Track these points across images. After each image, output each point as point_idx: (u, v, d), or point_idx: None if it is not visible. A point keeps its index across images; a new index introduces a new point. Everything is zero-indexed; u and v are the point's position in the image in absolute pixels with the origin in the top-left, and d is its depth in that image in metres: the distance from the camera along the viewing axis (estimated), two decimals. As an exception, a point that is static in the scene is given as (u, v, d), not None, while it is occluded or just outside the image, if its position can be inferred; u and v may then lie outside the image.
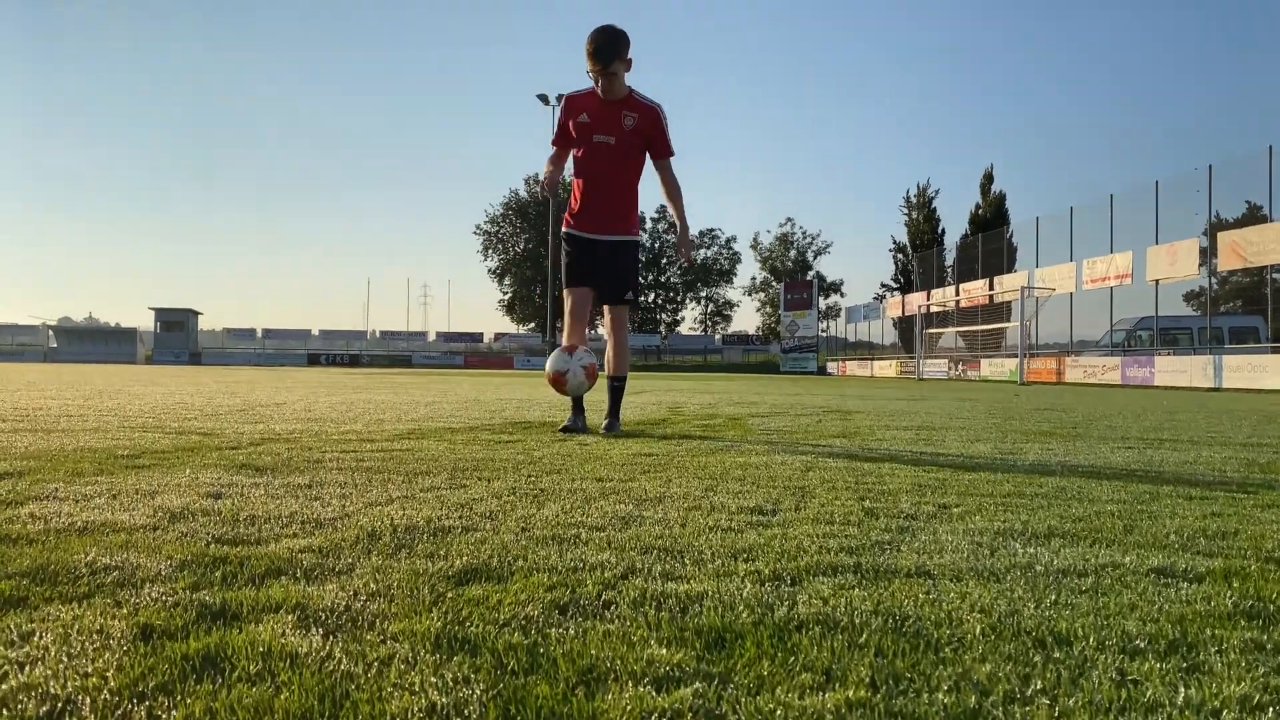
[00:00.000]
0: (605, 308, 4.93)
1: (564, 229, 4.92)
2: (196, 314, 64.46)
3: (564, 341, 4.88)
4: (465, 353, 70.93)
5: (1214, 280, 31.48)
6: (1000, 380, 34.04)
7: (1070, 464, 3.56)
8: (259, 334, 73.58)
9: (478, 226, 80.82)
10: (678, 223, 4.97)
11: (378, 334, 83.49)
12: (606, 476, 2.92)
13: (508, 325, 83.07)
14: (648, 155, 4.87)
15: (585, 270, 4.85)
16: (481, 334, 79.45)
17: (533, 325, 79.32)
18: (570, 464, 3.23)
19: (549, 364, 4.76)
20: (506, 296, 79.72)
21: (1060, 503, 2.58)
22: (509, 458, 3.41)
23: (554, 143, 4.91)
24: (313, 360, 62.12)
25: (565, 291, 4.90)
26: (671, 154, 4.90)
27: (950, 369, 40.33)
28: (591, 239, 4.85)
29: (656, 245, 79.91)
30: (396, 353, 70.88)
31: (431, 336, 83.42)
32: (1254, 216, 36.50)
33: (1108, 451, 4.22)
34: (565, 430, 4.68)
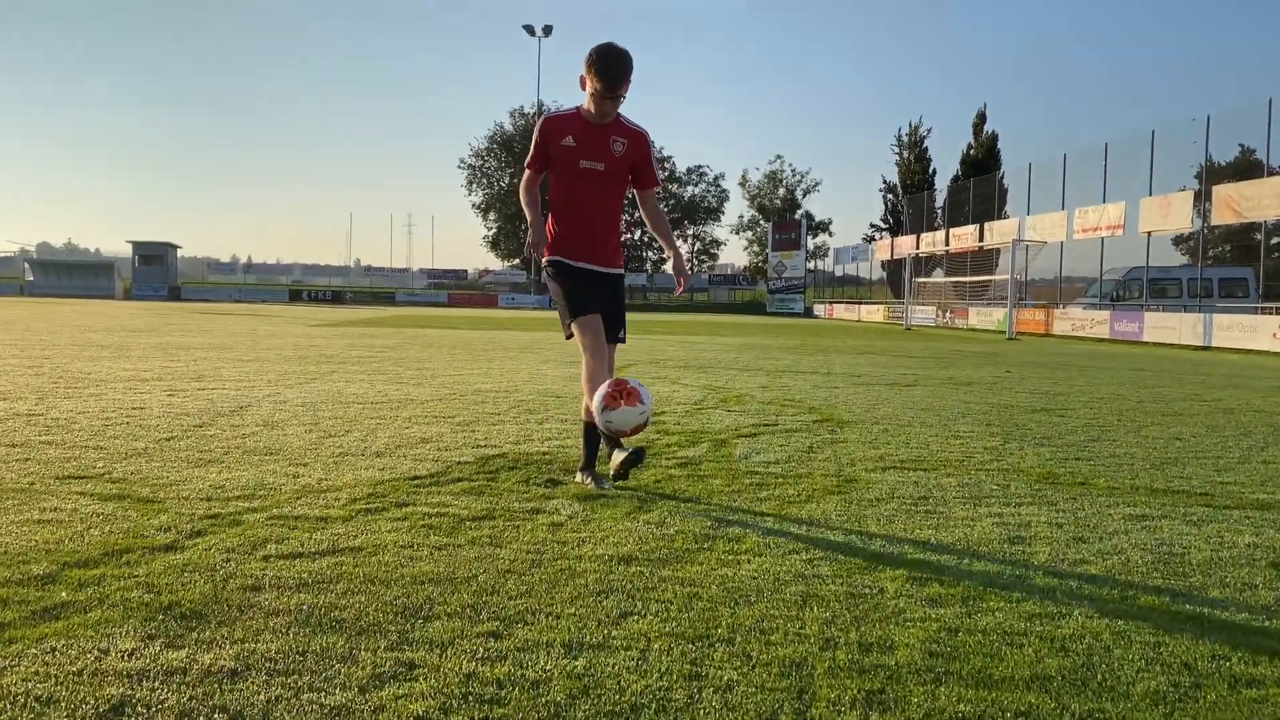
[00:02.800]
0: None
1: (552, 257, 4.49)
2: (175, 247, 63.40)
3: (586, 383, 4.38)
4: (450, 289, 70.20)
5: (1210, 231, 31.11)
6: (988, 330, 33.82)
7: (1085, 577, 3.24)
8: (240, 269, 72.60)
9: (462, 160, 79.46)
10: (672, 254, 4.57)
11: (361, 268, 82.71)
12: (579, 622, 2.58)
13: (493, 261, 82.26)
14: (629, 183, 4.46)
15: (590, 291, 4.40)
16: (466, 271, 78.74)
17: (517, 262, 78.52)
18: (536, 591, 2.88)
19: (618, 418, 3.96)
20: (491, 232, 78.86)
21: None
22: (469, 571, 3.06)
23: (530, 165, 4.46)
24: (294, 296, 61.36)
25: (576, 323, 4.41)
26: (657, 184, 4.50)
27: (938, 316, 40.08)
28: (582, 269, 4.44)
29: (644, 181, 78.78)
30: (380, 289, 70.09)
31: (415, 271, 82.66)
32: (1246, 162, 36.11)
33: (1119, 523, 3.91)
34: (626, 467, 4.04)
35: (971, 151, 56.07)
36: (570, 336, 4.49)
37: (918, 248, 45.14)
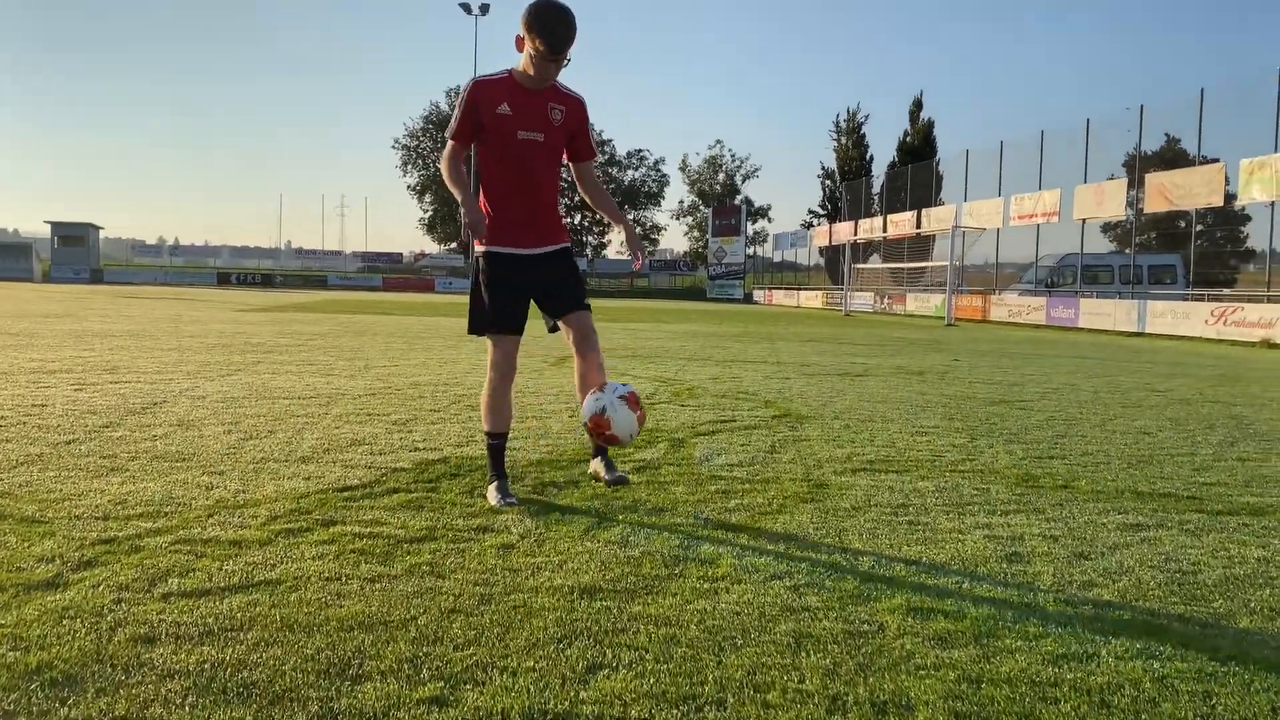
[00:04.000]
0: (566, 321, 4.07)
1: (484, 247, 4.04)
2: (97, 228, 61.09)
3: (486, 402, 4.06)
4: (384, 273, 68.92)
5: (1138, 218, 31.61)
6: (926, 316, 34.01)
7: (1099, 603, 2.93)
8: (166, 251, 70.39)
9: (396, 140, 77.92)
10: (623, 227, 4.17)
11: (292, 251, 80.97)
12: (539, 679, 2.18)
13: (429, 244, 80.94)
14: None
15: (515, 306, 3.99)
16: (401, 254, 77.42)
17: (454, 245, 77.34)
18: (487, 637, 2.47)
19: (585, 407, 3.93)
20: (427, 214, 77.46)
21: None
22: (407, 611, 2.63)
23: (456, 136, 3.92)
24: (223, 279, 59.60)
25: (492, 338, 4.03)
26: (595, 155, 4.10)
27: (876, 301, 40.26)
28: (521, 255, 4.00)
29: (582, 165, 78.13)
30: (311, 272, 68.47)
31: (349, 254, 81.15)
32: (1172, 151, 36.81)
33: (1115, 534, 3.62)
34: (499, 508, 3.79)
35: (908, 138, 56.45)
36: (473, 334, 4.08)
37: (856, 234, 45.27)
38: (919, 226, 40.48)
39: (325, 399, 6.82)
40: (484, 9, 60.92)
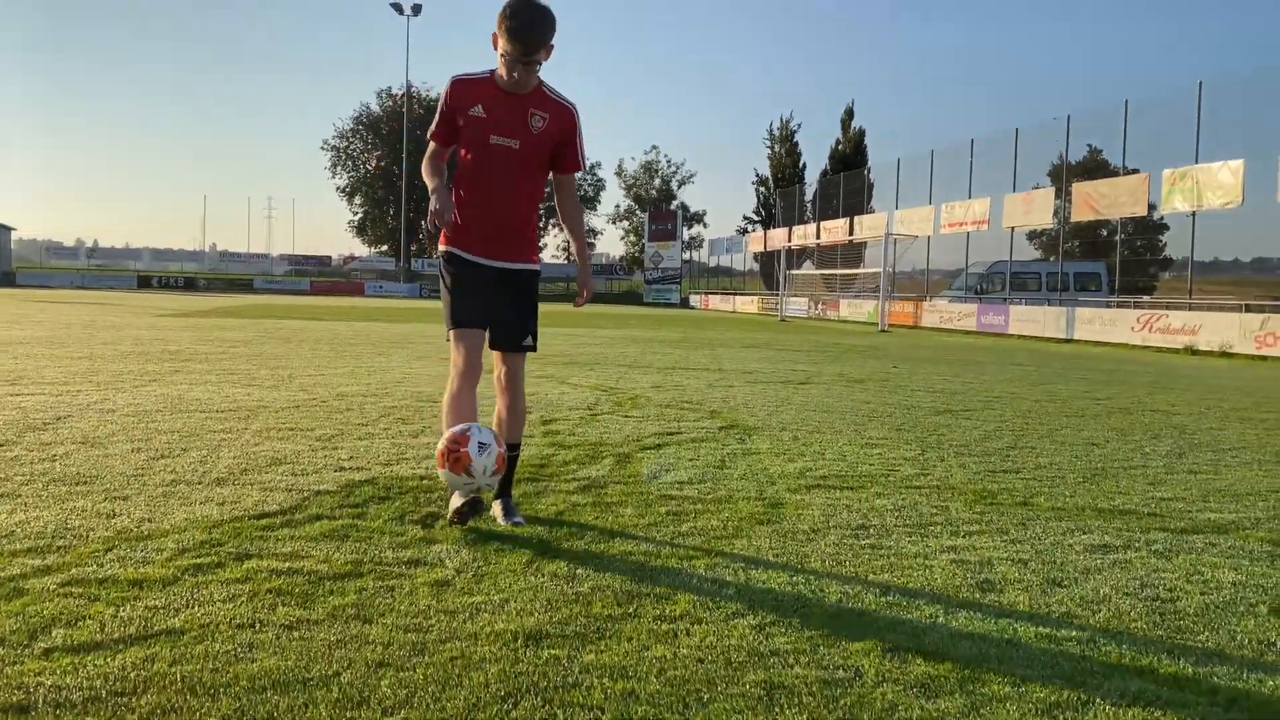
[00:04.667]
0: (496, 355, 3.82)
1: (443, 246, 3.78)
2: (9, 229, 58.77)
3: (447, 405, 3.74)
4: (313, 276, 67.55)
5: (1065, 227, 32.26)
6: (860, 322, 34.27)
7: (1082, 640, 2.75)
8: (83, 253, 68.01)
9: (326, 142, 76.58)
10: (578, 257, 3.92)
11: (217, 254, 79.01)
12: (478, 746, 1.90)
13: (359, 247, 79.62)
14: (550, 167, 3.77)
15: (476, 300, 3.72)
16: (330, 257, 76.03)
17: (385, 248, 76.25)
18: (421, 698, 2.18)
19: (443, 476, 3.48)
20: (357, 217, 76.25)
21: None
22: (329, 666, 2.33)
23: (434, 137, 3.74)
24: (143, 283, 57.75)
25: (453, 335, 3.76)
26: (582, 168, 3.81)
27: (810, 307, 40.51)
28: (481, 264, 3.72)
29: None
30: (237, 276, 66.78)
31: (276, 257, 79.44)
32: (1094, 161, 37.72)
33: (1083, 556, 3.45)
34: (461, 516, 3.51)
35: (840, 146, 57.08)
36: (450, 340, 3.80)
37: (790, 240, 45.56)
38: (852, 233, 40.86)
39: (245, 412, 6.42)
40: (416, 10, 60.14)
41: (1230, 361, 18.14)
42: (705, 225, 72.81)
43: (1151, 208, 27.57)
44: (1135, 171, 27.79)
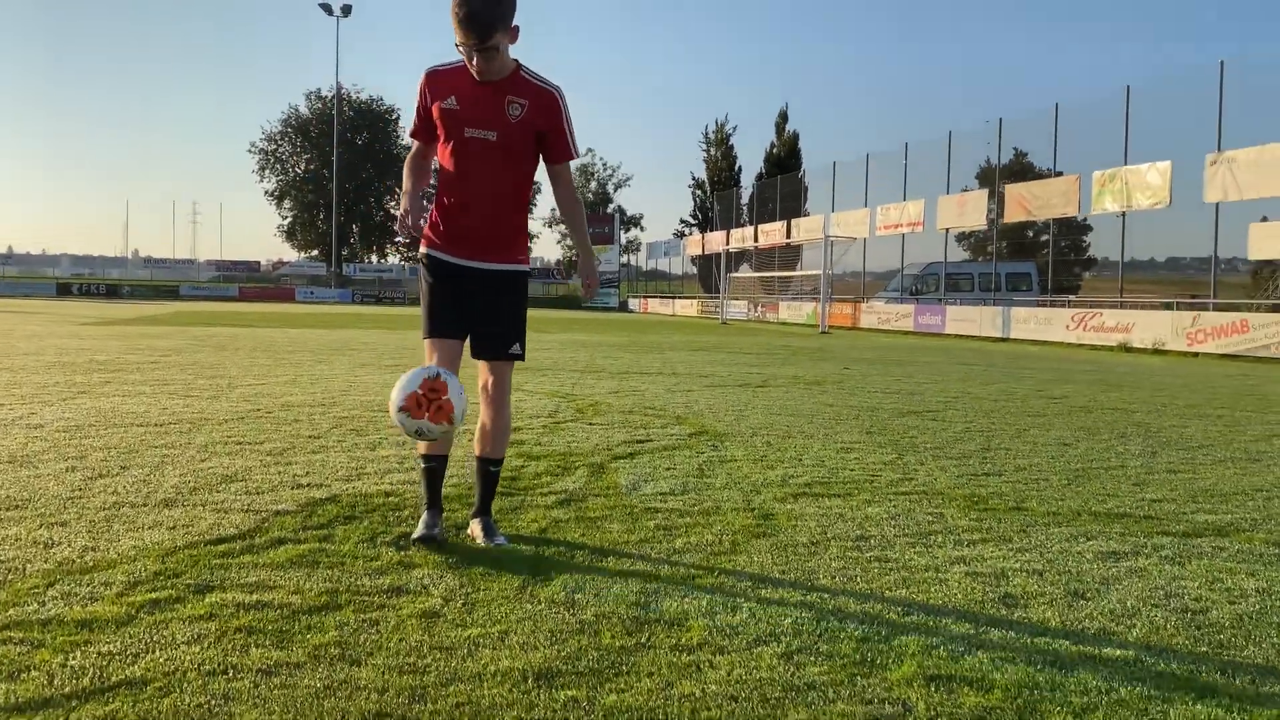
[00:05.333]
0: (481, 365, 3.54)
1: (423, 249, 3.52)
2: (-85, 236, 56.22)
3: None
4: (241, 282, 65.95)
5: (997, 228, 32.78)
6: (800, 324, 34.45)
7: (1126, 660, 2.59)
8: (-4, 259, 65.54)
9: (253, 144, 74.85)
10: (579, 250, 3.67)
11: (140, 260, 76.79)
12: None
13: (288, 252, 78.02)
14: (540, 157, 3.52)
15: (453, 309, 3.45)
16: (259, 262, 74.33)
17: (316, 253, 74.77)
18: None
19: (402, 386, 3.17)
20: (286, 221, 74.64)
21: None
22: (316, 715, 2.06)
23: (413, 135, 3.52)
24: (63, 290, 55.75)
25: (427, 345, 3.50)
26: (574, 156, 3.55)
27: (750, 310, 40.63)
28: (463, 266, 3.46)
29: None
30: (162, 282, 64.89)
31: (202, 263, 77.46)
32: (1020, 164, 38.47)
33: (1096, 565, 3.32)
34: (421, 541, 3.33)
35: (775, 149, 57.48)
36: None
37: (728, 243, 45.67)
38: (789, 236, 41.08)
39: (186, 425, 6.04)
40: (345, 10, 59.06)
41: (1165, 358, 18.52)
42: (642, 229, 72.70)
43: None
44: (1057, 175, 28.36)
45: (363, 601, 2.76)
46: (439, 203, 3.51)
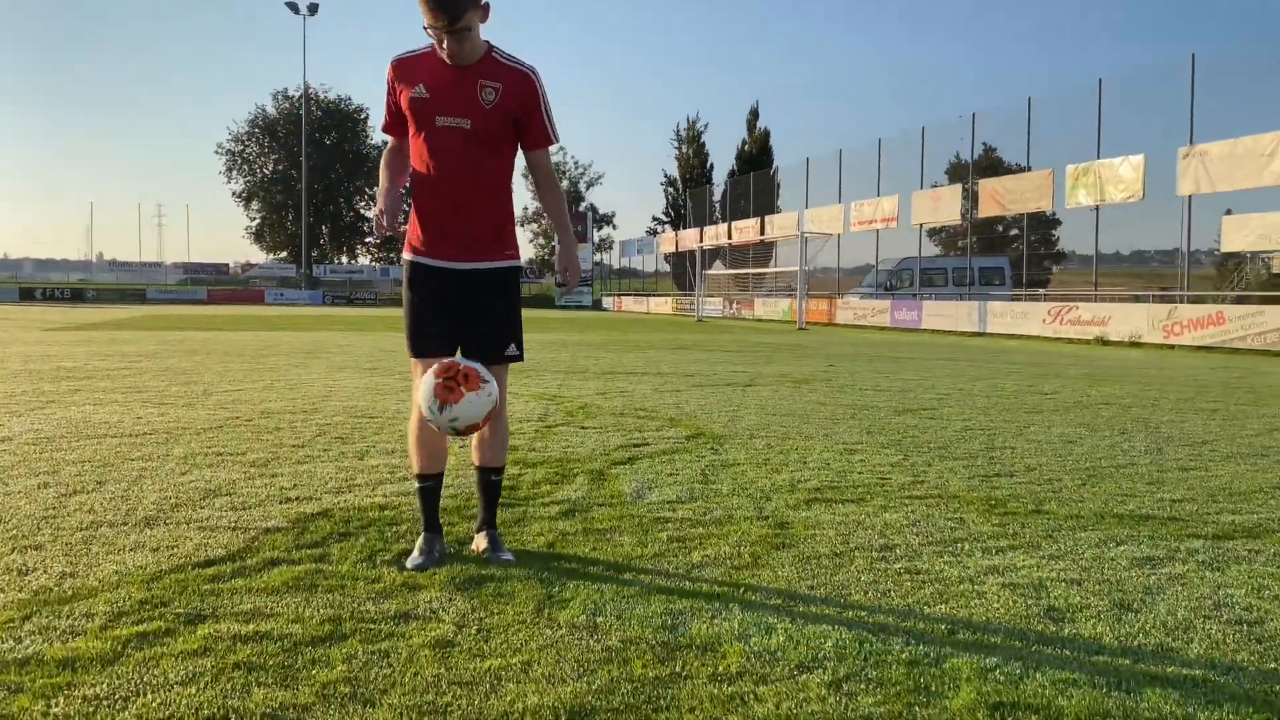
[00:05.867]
0: None
1: (405, 254, 3.31)
2: (-128, 240, 55.01)
3: (412, 437, 3.30)
4: (209, 285, 65.10)
5: (971, 223, 32.85)
6: (775, 321, 34.40)
7: (1196, 680, 2.44)
8: (-44, 264, 64.31)
9: (220, 145, 73.83)
10: (558, 240, 3.45)
11: (105, 263, 75.70)
12: None
13: (256, 254, 77.12)
14: (518, 143, 3.31)
15: (440, 321, 3.25)
16: (227, 265, 73.43)
17: (285, 254, 73.93)
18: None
19: (464, 411, 2.90)
20: (254, 223, 73.73)
21: None
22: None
23: (386, 129, 3.31)
24: (26, 295, 54.74)
25: (412, 363, 3.29)
26: (553, 140, 3.35)
27: (725, 307, 40.55)
28: (448, 269, 3.24)
29: (420, 171, 76.22)
30: (128, 285, 63.91)
31: (169, 266, 76.46)
32: (989, 159, 38.66)
33: (1133, 572, 3.17)
34: (419, 568, 3.12)
35: (746, 147, 57.39)
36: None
37: (702, 240, 45.56)
38: (763, 233, 41.02)
39: (163, 435, 5.78)
40: (312, 9, 58.32)
41: (1142, 351, 18.57)
42: (615, 227, 72.47)
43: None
44: (1026, 169, 28.44)
45: (369, 630, 2.56)
46: (416, 201, 3.28)
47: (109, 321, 24.93)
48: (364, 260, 76.72)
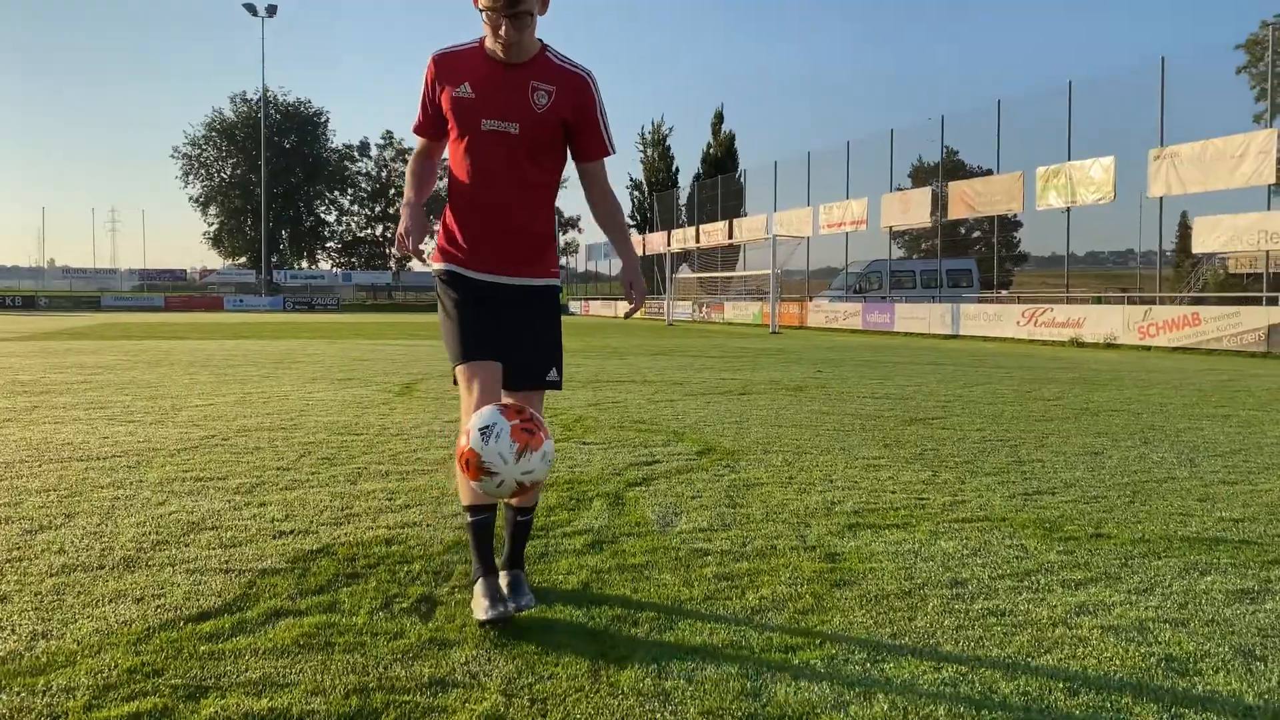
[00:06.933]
0: (515, 395, 2.94)
1: (438, 264, 2.94)
2: None
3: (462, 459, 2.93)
4: (166, 291, 63.79)
5: (941, 225, 32.86)
6: (747, 324, 34.21)
7: None
8: (-100, 271, 62.58)
9: (176, 149, 72.53)
10: (622, 258, 3.09)
11: (58, 270, 74.08)
12: None
13: (214, 260, 75.81)
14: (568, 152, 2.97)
15: (490, 329, 2.88)
16: (184, 270, 72.03)
17: (244, 260, 72.72)
18: None
19: (472, 434, 2.52)
20: (213, 228, 72.48)
21: None
22: None
23: (418, 130, 2.94)
24: (-26, 303, 53.18)
25: (459, 371, 2.90)
26: (609, 151, 2.99)
27: (696, 311, 40.32)
28: (488, 283, 2.89)
29: (384, 173, 75.37)
30: (81, 293, 62.46)
31: (124, 272, 74.90)
32: (951, 162, 38.79)
33: (1236, 608, 2.88)
34: (491, 624, 2.71)
35: (711, 150, 57.29)
36: (457, 382, 2.95)
37: (669, 244, 45.33)
38: (731, 236, 40.85)
39: (134, 458, 5.35)
40: (271, 10, 57.37)
41: (1119, 352, 18.53)
42: (580, 230, 72.18)
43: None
44: (989, 173, 28.48)
45: (404, 704, 2.19)
46: (454, 209, 2.94)
47: (65, 330, 24.11)
48: (325, 265, 75.63)
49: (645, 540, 3.67)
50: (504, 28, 2.68)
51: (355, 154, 74.85)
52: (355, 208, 76.03)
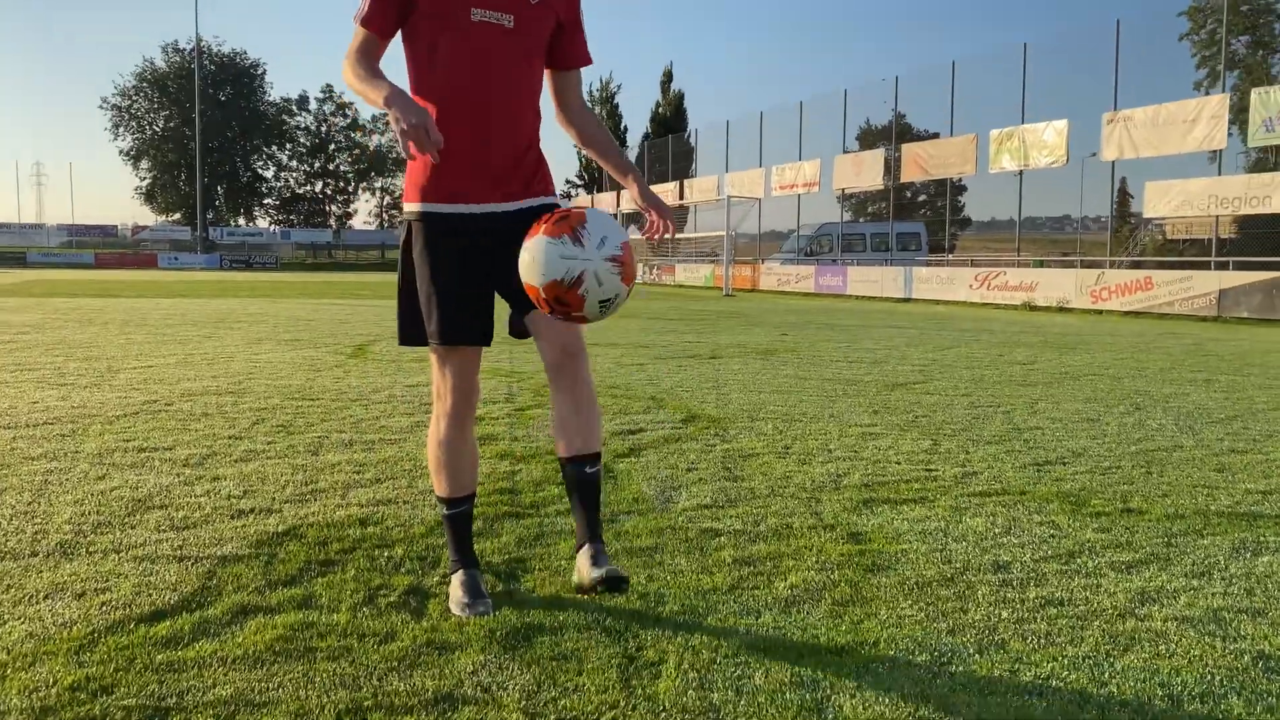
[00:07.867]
0: (544, 336, 2.49)
1: (412, 205, 2.46)
2: None
3: (437, 452, 2.57)
4: (97, 248, 61.64)
5: (893, 189, 32.80)
6: (698, 287, 33.95)
7: None
8: None
9: (105, 100, 69.85)
10: (632, 178, 2.65)
11: (-20, 225, 71.41)
12: None
13: (147, 216, 73.40)
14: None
15: (475, 298, 2.46)
16: (115, 227, 69.65)
17: (178, 216, 70.55)
18: None
19: (540, 264, 2.19)
20: (145, 183, 70.12)
21: None
22: None
23: (368, 21, 2.34)
24: (-110, 258, 50.84)
25: (436, 353, 2.51)
26: (591, 60, 2.61)
27: (647, 273, 39.92)
28: (481, 214, 2.42)
29: (323, 129, 73.47)
30: (5, 248, 60.10)
31: (52, 228, 72.25)
32: (900, 125, 38.78)
33: (1316, 599, 2.65)
34: (476, 614, 2.39)
35: (660, 109, 56.66)
36: (406, 344, 2.57)
37: (619, 205, 44.75)
38: (682, 197, 40.43)
39: (68, 425, 4.87)
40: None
41: (1074, 316, 18.59)
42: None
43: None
44: (936, 135, 28.41)
45: (409, 728, 1.83)
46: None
47: (-12, 287, 22.98)
48: (262, 223, 73.68)
49: (648, 520, 3.34)
50: None
51: (294, 108, 72.70)
52: (294, 163, 74.00)
